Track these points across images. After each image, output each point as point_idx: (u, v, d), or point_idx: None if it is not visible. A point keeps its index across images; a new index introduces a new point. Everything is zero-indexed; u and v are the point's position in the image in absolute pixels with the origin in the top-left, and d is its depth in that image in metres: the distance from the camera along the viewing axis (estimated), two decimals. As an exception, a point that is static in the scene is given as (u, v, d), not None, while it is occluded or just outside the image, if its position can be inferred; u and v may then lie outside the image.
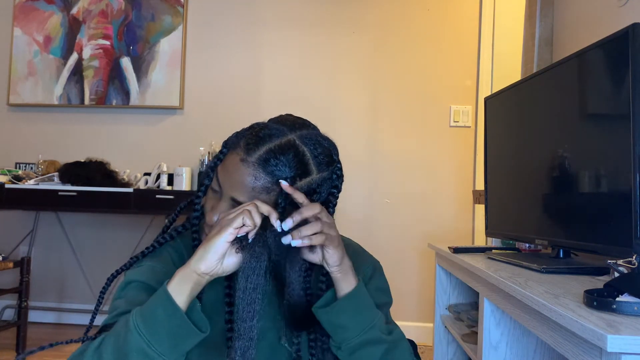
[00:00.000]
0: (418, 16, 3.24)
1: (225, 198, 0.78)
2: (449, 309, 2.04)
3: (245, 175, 0.75)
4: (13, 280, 2.72)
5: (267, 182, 0.75)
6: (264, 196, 0.76)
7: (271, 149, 0.75)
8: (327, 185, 0.80)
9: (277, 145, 0.76)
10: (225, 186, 0.77)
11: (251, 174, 0.75)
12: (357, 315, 0.79)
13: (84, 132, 3.43)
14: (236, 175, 0.76)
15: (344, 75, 3.27)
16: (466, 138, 3.18)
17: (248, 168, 0.75)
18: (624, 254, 0.99)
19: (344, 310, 0.78)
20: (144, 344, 0.68)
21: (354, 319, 0.78)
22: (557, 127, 1.41)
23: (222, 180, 0.78)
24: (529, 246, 1.74)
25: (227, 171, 0.77)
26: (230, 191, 0.77)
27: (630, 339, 0.68)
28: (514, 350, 1.34)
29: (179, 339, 0.70)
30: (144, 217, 3.32)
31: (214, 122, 3.30)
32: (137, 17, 3.36)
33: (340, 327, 0.78)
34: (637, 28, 1.07)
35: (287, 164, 0.75)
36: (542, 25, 2.07)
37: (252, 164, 0.75)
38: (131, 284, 0.82)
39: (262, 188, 0.75)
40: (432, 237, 3.11)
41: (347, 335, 0.78)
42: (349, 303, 0.78)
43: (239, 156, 0.76)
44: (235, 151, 0.77)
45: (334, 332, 0.79)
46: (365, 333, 0.78)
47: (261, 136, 0.77)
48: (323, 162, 0.79)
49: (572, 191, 1.34)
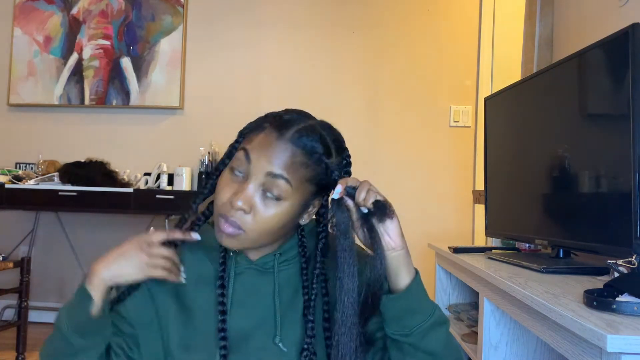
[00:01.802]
0: (418, 16, 3.24)
1: (257, 176, 0.76)
2: (449, 309, 2.03)
3: (284, 151, 0.77)
4: (13, 280, 2.72)
5: (304, 157, 0.77)
6: (302, 171, 0.77)
7: (301, 129, 0.78)
8: (339, 169, 0.82)
9: (303, 126, 0.79)
10: (262, 162, 0.77)
11: (289, 150, 0.77)
12: (424, 298, 0.79)
13: (84, 132, 3.43)
14: (275, 151, 0.77)
15: (344, 75, 3.27)
16: (466, 138, 3.18)
17: (286, 144, 0.77)
18: (624, 254, 0.99)
19: (417, 294, 0.78)
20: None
21: (425, 301, 0.79)
22: (557, 127, 1.41)
23: (256, 158, 0.77)
24: (529, 246, 1.74)
25: (262, 149, 0.77)
26: (268, 166, 0.76)
27: (630, 339, 0.68)
28: (514, 350, 1.34)
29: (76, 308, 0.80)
30: (144, 217, 3.32)
31: (214, 122, 3.30)
32: (137, 17, 3.36)
33: (413, 311, 0.77)
34: (637, 28, 1.07)
35: (317, 141, 0.78)
36: (542, 25, 2.07)
37: (288, 140, 0.77)
38: None
39: (300, 163, 0.77)
40: (432, 237, 3.10)
41: (419, 319, 0.77)
42: (420, 286, 0.79)
43: (273, 135, 0.78)
44: (265, 132, 0.79)
45: (404, 318, 0.78)
46: (434, 315, 0.79)
47: (287, 119, 0.79)
48: (338, 147, 0.83)
49: (572, 191, 1.34)
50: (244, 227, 0.76)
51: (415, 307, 0.78)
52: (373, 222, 0.77)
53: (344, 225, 0.77)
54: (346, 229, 0.77)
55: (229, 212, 0.76)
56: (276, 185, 0.76)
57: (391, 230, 0.78)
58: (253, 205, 0.76)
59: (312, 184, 0.79)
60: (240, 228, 0.76)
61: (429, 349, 0.77)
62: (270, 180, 0.76)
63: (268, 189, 0.76)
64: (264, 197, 0.77)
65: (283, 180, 0.76)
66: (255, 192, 0.76)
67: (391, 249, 0.78)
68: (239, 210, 0.76)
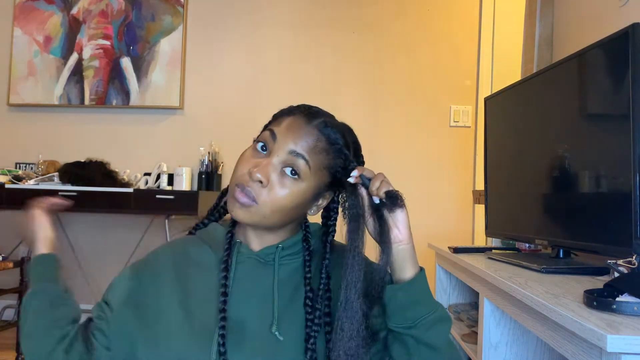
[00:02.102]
0: (418, 16, 3.24)
1: (281, 153, 0.80)
2: (449, 309, 2.03)
3: (309, 135, 0.81)
4: (13, 280, 2.72)
5: (327, 145, 0.82)
6: (322, 156, 0.81)
7: (327, 121, 0.84)
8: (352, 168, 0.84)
9: (331, 120, 0.85)
10: (287, 140, 0.81)
11: (315, 134, 0.82)
12: (430, 293, 0.81)
13: (84, 132, 3.43)
14: (302, 132, 0.81)
15: (344, 75, 3.27)
16: (466, 138, 3.18)
17: (312, 129, 0.82)
18: (624, 254, 0.99)
19: (422, 287, 0.79)
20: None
21: (429, 296, 0.80)
22: (557, 127, 1.41)
23: (282, 137, 0.81)
24: (529, 246, 1.74)
25: (289, 130, 0.82)
26: (293, 145, 0.80)
27: (630, 339, 0.68)
28: (514, 350, 1.34)
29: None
30: (144, 217, 3.32)
31: (214, 122, 3.30)
32: (137, 17, 3.36)
33: (417, 302, 0.78)
34: (637, 28, 1.07)
35: (339, 134, 0.83)
36: (542, 25, 2.07)
37: (315, 126, 0.82)
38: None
39: (322, 149, 0.82)
40: (432, 237, 3.10)
41: (425, 310, 0.78)
42: (424, 281, 0.80)
43: (302, 120, 0.83)
44: (294, 116, 0.83)
45: (408, 309, 0.78)
46: (438, 310, 0.79)
47: (316, 110, 0.86)
48: (356, 150, 0.87)
49: (572, 191, 1.34)
50: (258, 199, 0.79)
51: (419, 299, 0.78)
52: (384, 212, 0.80)
53: (355, 209, 0.80)
54: (357, 214, 0.79)
55: (247, 182, 0.79)
56: (296, 164, 0.80)
57: (400, 222, 0.80)
58: (270, 180, 0.79)
59: (329, 173, 0.83)
60: (255, 200, 0.79)
61: (432, 342, 0.77)
62: (292, 158, 0.80)
63: (288, 165, 0.80)
64: (282, 175, 0.80)
65: (303, 160, 0.80)
66: (275, 168, 0.80)
67: (399, 241, 0.80)
68: (256, 182, 0.79)
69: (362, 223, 0.80)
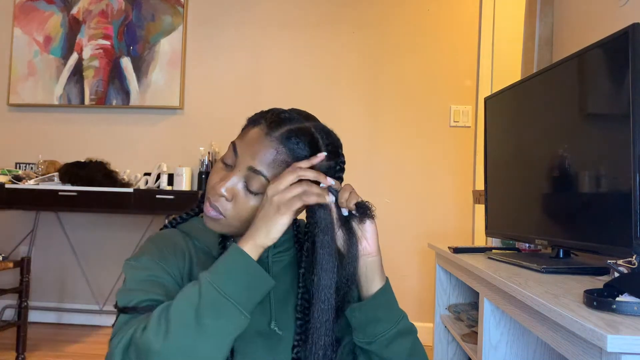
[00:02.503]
0: (418, 16, 3.24)
1: (241, 168, 0.80)
2: (449, 309, 2.03)
3: (269, 148, 0.80)
4: (13, 280, 2.72)
5: (287, 157, 0.80)
6: (282, 169, 0.79)
7: (292, 130, 0.81)
8: (330, 174, 0.83)
9: (296, 127, 0.81)
10: (245, 157, 0.80)
11: (274, 147, 0.80)
12: (392, 306, 0.82)
13: (84, 132, 3.43)
14: (259, 147, 0.80)
15: (344, 75, 3.27)
16: (466, 138, 3.18)
17: (271, 142, 0.80)
18: (624, 254, 0.99)
19: (383, 303, 0.81)
20: (223, 298, 0.69)
21: (391, 310, 0.82)
22: (557, 127, 1.41)
23: (242, 151, 0.81)
24: (529, 246, 1.74)
25: (249, 143, 0.81)
26: (250, 161, 0.80)
27: (630, 339, 0.68)
28: (514, 350, 1.34)
29: (255, 291, 0.73)
30: (144, 217, 3.32)
31: (214, 122, 3.30)
32: (137, 17, 3.36)
33: (377, 320, 0.81)
34: (637, 28, 1.07)
35: (305, 144, 0.81)
36: (542, 25, 2.07)
37: (275, 138, 0.80)
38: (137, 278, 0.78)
39: (281, 162, 0.80)
40: (432, 237, 3.11)
41: (383, 327, 0.81)
42: (388, 295, 0.82)
43: (262, 131, 0.81)
44: (258, 127, 0.82)
45: (369, 325, 0.81)
46: (399, 323, 0.82)
47: (282, 118, 0.82)
48: (331, 152, 0.84)
49: (572, 191, 1.34)
50: (224, 213, 0.81)
51: (379, 316, 0.81)
52: (352, 224, 0.80)
53: (324, 222, 0.78)
54: (326, 227, 0.78)
55: (213, 197, 0.81)
56: (255, 180, 0.80)
57: (369, 233, 0.81)
58: (235, 195, 0.80)
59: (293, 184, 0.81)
60: (222, 214, 0.81)
61: (391, 358, 0.81)
62: (251, 175, 0.80)
63: (249, 183, 0.80)
64: (245, 189, 0.81)
65: (262, 176, 0.79)
66: (238, 182, 0.80)
67: (367, 253, 0.81)
68: (221, 197, 0.80)
69: (333, 235, 0.78)
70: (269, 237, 0.74)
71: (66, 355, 2.78)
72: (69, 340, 3.02)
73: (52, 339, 3.06)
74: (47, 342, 2.96)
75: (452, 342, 2.07)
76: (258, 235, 0.74)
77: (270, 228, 0.74)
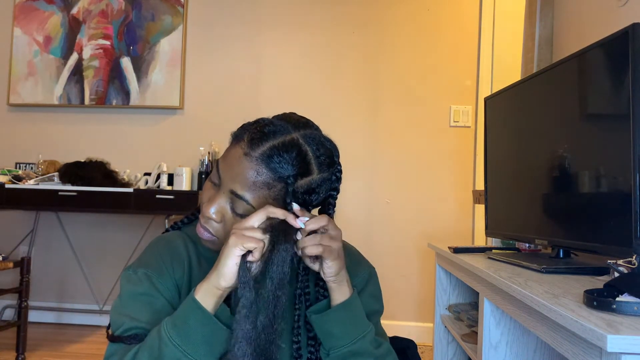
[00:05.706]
0: (418, 16, 3.24)
1: (225, 190, 0.78)
2: (449, 309, 2.03)
3: (248, 169, 0.75)
4: (13, 280, 2.72)
5: (269, 178, 0.75)
6: (264, 191, 0.76)
7: (275, 146, 0.75)
8: (326, 186, 0.81)
9: (281, 142, 0.76)
10: (226, 179, 0.77)
11: (253, 169, 0.75)
12: (348, 325, 0.80)
13: (84, 132, 3.43)
14: (238, 169, 0.75)
15: (344, 75, 3.27)
16: (466, 138, 3.18)
17: (251, 162, 0.75)
18: (624, 254, 0.99)
19: (335, 319, 0.79)
20: (180, 353, 0.69)
21: (345, 329, 0.79)
22: (557, 127, 1.41)
23: (223, 172, 0.78)
24: (529, 246, 1.74)
25: (229, 164, 0.77)
26: (231, 184, 0.76)
27: (630, 339, 0.68)
28: (514, 350, 1.34)
29: (214, 344, 0.71)
30: (144, 217, 3.32)
31: (214, 122, 3.30)
32: (137, 17, 3.36)
33: (330, 334, 0.80)
34: (637, 28, 1.07)
35: (289, 161, 0.75)
36: (542, 25, 2.07)
37: (255, 159, 0.75)
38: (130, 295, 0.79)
39: (263, 183, 0.75)
40: (432, 237, 3.11)
41: (336, 343, 0.79)
42: (341, 313, 0.80)
43: (242, 150, 0.76)
44: (239, 145, 0.77)
45: (324, 338, 0.81)
46: (354, 344, 0.80)
47: (266, 132, 0.76)
48: (324, 163, 0.80)
49: (572, 191, 1.34)
50: (216, 234, 0.80)
51: (333, 332, 0.79)
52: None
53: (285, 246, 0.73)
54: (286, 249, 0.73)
55: (202, 219, 0.80)
56: (238, 204, 0.77)
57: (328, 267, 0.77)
58: (224, 215, 0.79)
59: (278, 203, 0.77)
60: (213, 235, 0.80)
61: None
62: (233, 198, 0.78)
63: (234, 205, 0.78)
64: (233, 211, 0.78)
65: (243, 201, 0.76)
66: (225, 204, 0.79)
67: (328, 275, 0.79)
68: (210, 219, 0.79)
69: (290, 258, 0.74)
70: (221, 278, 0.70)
71: (66, 355, 2.78)
72: (68, 340, 3.02)
73: (52, 338, 3.06)
74: (47, 342, 2.96)
75: (452, 342, 2.07)
76: (211, 276, 0.72)
77: (220, 269, 0.71)
